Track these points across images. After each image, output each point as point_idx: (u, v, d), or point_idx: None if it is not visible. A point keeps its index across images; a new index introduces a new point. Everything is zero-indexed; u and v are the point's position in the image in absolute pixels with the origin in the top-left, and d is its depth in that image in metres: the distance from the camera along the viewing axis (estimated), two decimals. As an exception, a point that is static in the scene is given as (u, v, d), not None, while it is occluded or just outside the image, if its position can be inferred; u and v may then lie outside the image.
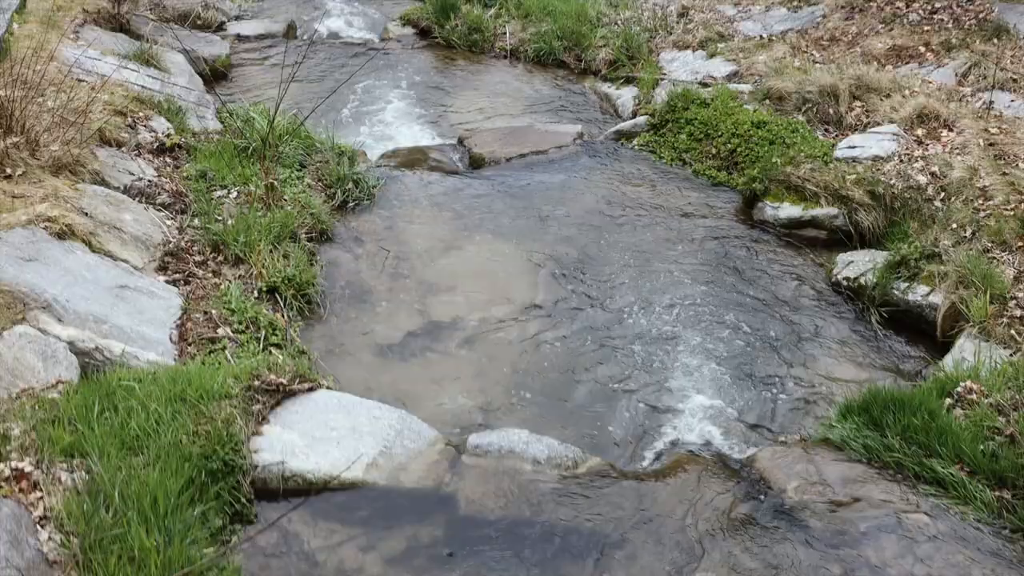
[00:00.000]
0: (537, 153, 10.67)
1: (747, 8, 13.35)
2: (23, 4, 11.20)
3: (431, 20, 14.39)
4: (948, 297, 7.69)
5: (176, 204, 8.70)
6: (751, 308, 8.15)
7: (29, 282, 6.52)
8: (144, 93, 10.19)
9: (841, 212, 9.06)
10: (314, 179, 9.62)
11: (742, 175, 9.93)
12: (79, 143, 8.40)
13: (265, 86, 12.03)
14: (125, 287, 7.14)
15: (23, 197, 7.53)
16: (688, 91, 11.10)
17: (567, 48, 13.32)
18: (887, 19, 11.88)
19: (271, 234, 8.21)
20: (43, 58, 8.57)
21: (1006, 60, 10.34)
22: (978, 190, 8.62)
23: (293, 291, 7.84)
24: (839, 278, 8.47)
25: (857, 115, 10.29)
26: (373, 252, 8.83)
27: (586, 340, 7.76)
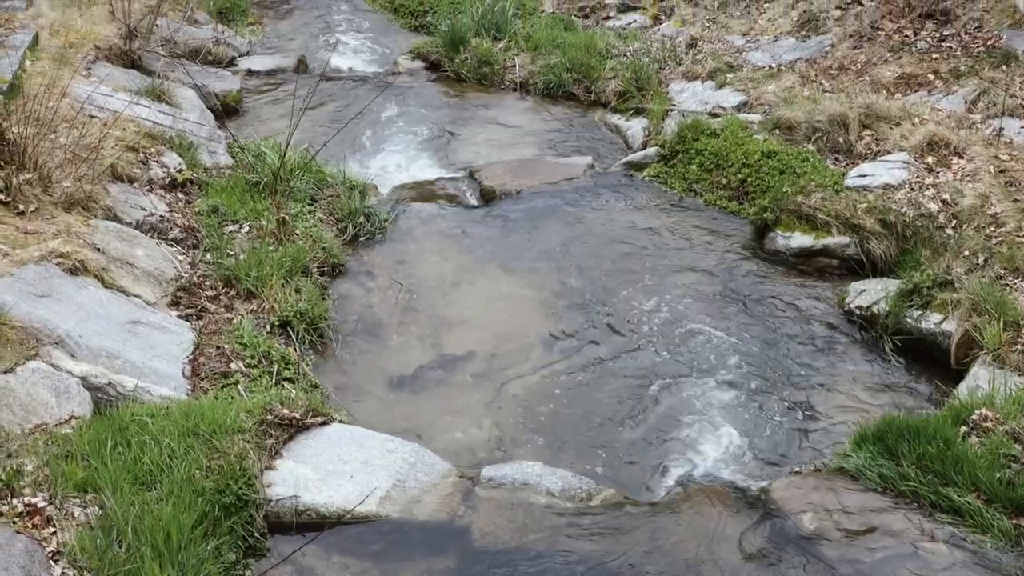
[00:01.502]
0: (548, 185, 10.68)
1: (755, 38, 13.38)
2: (35, 41, 11.27)
3: (441, 53, 14.43)
4: (961, 325, 7.66)
5: (188, 239, 8.73)
6: (764, 338, 8.13)
7: (42, 318, 6.54)
8: (156, 129, 10.23)
9: (853, 241, 9.04)
10: (326, 213, 9.64)
11: (753, 205, 9.92)
12: (91, 179, 8.44)
13: (276, 121, 12.08)
14: (138, 322, 7.15)
15: (36, 233, 7.56)
16: (698, 122, 11.12)
17: (576, 80, 13.35)
18: (895, 47, 11.89)
19: (283, 268, 8.23)
20: (55, 95, 8.61)
21: (1015, 87, 10.34)
22: (989, 217, 8.61)
23: (305, 325, 7.85)
24: (852, 307, 8.45)
25: (867, 144, 10.29)
26: (385, 286, 8.84)
27: (599, 372, 7.75)
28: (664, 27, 14.54)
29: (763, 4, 14.13)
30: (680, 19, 14.55)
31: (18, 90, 9.41)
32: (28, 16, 12.17)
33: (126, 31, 12.41)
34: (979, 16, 11.79)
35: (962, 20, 11.87)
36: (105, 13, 12.98)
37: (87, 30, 12.34)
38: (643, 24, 14.93)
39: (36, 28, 11.67)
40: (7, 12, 12.18)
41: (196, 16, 15.19)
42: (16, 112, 8.44)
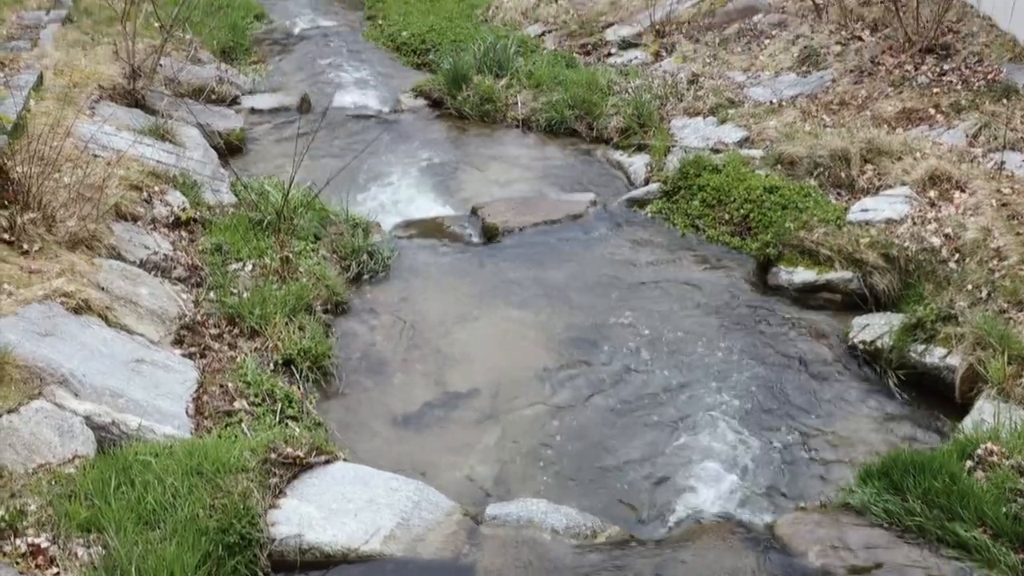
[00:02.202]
0: (551, 222, 10.70)
1: (756, 74, 13.43)
2: (40, 81, 11.33)
3: (443, 91, 14.48)
4: (965, 359, 7.64)
5: (192, 278, 8.75)
6: (768, 374, 8.12)
7: (46, 357, 6.55)
8: (159, 167, 10.27)
9: (856, 275, 9.04)
10: (329, 251, 9.66)
11: (755, 240, 9.93)
12: (95, 218, 8.46)
13: (279, 159, 12.11)
14: (141, 361, 7.16)
15: (40, 272, 7.58)
16: (700, 157, 11.15)
17: (578, 117, 13.38)
18: (896, 82, 11.94)
19: (286, 306, 8.24)
20: (59, 134, 8.66)
21: (1016, 120, 10.36)
22: (992, 251, 8.61)
23: (309, 363, 7.86)
24: (855, 341, 8.44)
25: (869, 178, 10.31)
26: (389, 323, 8.85)
27: (603, 408, 7.74)
28: (665, 63, 14.59)
29: (764, 40, 14.19)
30: (681, 55, 14.61)
31: (23, 130, 9.46)
32: (33, 56, 12.25)
33: (130, 71, 12.48)
34: (979, 50, 11.84)
35: (962, 55, 11.92)
36: (109, 53, 13.05)
37: (91, 70, 12.41)
38: (644, 60, 14.98)
39: (41, 68, 11.74)
40: (12, 52, 12.26)
41: (199, 55, 15.26)
42: (20, 152, 8.48)
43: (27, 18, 14.04)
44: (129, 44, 12.50)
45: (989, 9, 12.20)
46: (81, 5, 15.34)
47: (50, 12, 14.39)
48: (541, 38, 16.75)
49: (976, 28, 12.20)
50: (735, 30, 14.71)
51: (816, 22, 13.84)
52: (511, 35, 16.20)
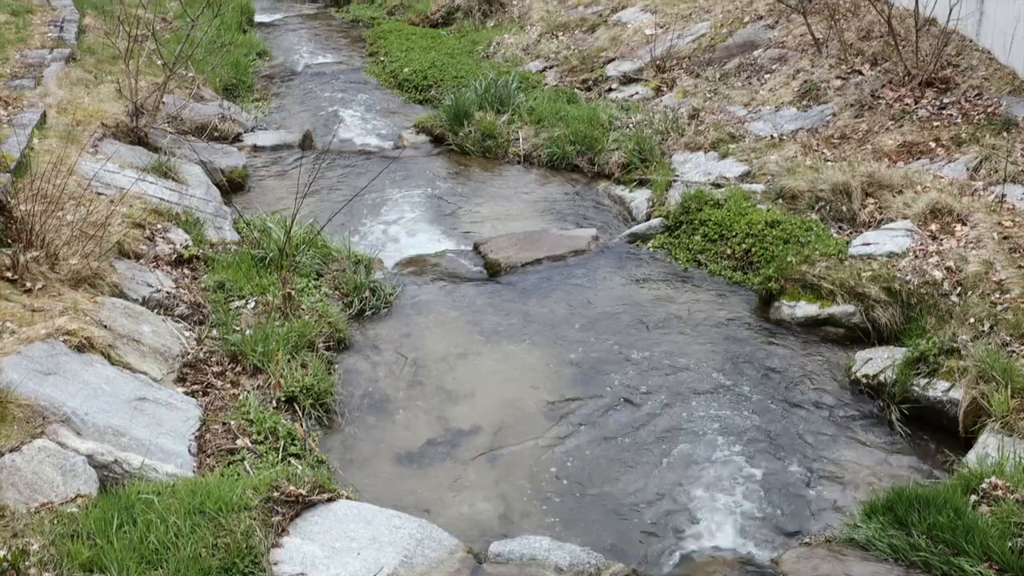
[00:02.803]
0: (553, 258, 10.71)
1: (757, 108, 13.47)
2: (43, 119, 11.38)
3: (445, 127, 14.52)
4: (969, 392, 7.63)
5: (194, 315, 8.76)
6: (771, 408, 8.11)
7: (48, 396, 6.55)
8: (162, 205, 10.30)
9: (858, 309, 9.05)
10: (331, 288, 9.67)
11: (758, 275, 9.94)
12: (98, 256, 8.48)
13: (282, 195, 12.14)
14: (144, 399, 7.16)
15: (43, 311, 7.59)
16: (701, 192, 11.17)
17: (580, 152, 13.42)
18: (896, 116, 11.97)
19: (289, 344, 8.24)
20: (62, 172, 8.69)
21: (1016, 154, 10.38)
22: (994, 284, 8.62)
23: (311, 400, 7.85)
24: (858, 375, 8.43)
25: (870, 212, 10.33)
26: (391, 360, 8.85)
27: (606, 443, 7.72)
28: (666, 98, 14.64)
29: (764, 75, 14.24)
30: (682, 90, 14.66)
31: (26, 168, 9.49)
32: (36, 95, 12.29)
33: (133, 109, 12.53)
34: (979, 84, 11.87)
35: (962, 88, 11.95)
36: (112, 91, 13.10)
37: (94, 108, 12.46)
38: (645, 96, 15.04)
39: (44, 106, 11.78)
40: (16, 91, 12.31)
41: (202, 93, 15.32)
42: (24, 190, 8.52)
43: (31, 57, 14.10)
44: (132, 82, 12.56)
45: (988, 43, 12.25)
46: (84, 44, 15.41)
47: (54, 51, 14.44)
48: (542, 74, 16.81)
49: (975, 62, 12.24)
50: (735, 65, 14.76)
51: (816, 57, 13.89)
52: (512, 71, 16.28)
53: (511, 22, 19.75)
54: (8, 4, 16.87)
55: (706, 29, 16.16)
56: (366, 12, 23.31)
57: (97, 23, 16.59)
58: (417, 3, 22.30)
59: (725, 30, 15.81)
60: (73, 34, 15.61)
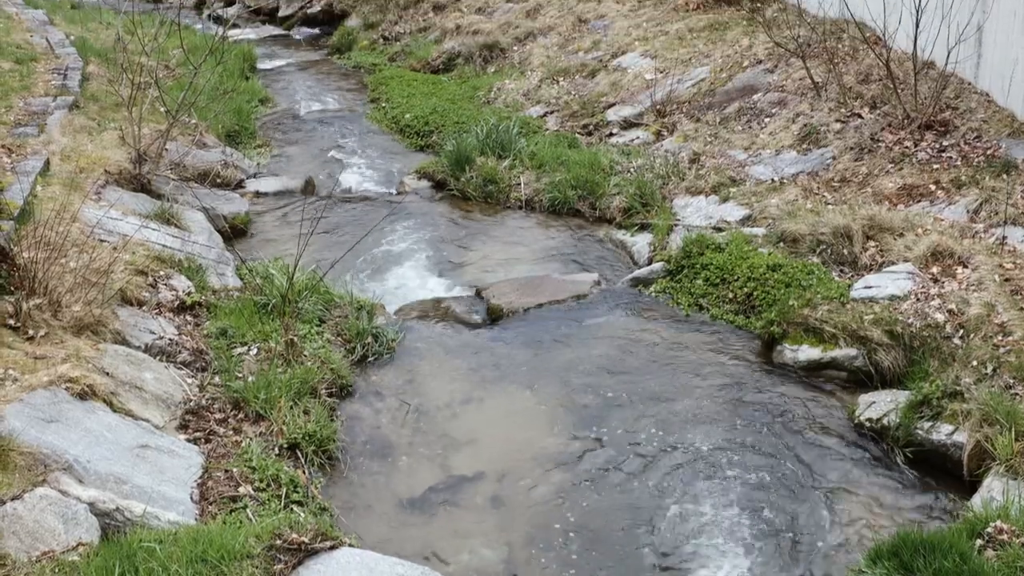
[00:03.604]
0: (555, 303, 10.72)
1: (757, 152, 13.51)
2: (47, 167, 11.43)
3: (446, 173, 14.56)
4: (972, 436, 7.62)
5: (197, 362, 8.76)
6: (775, 453, 8.09)
7: (50, 443, 6.55)
8: (165, 252, 10.32)
9: (860, 353, 9.04)
10: (334, 334, 9.67)
11: (760, 318, 9.94)
12: (101, 303, 8.49)
13: (284, 241, 12.16)
14: (146, 446, 7.16)
15: (45, 358, 7.60)
16: (702, 236, 11.19)
17: (581, 197, 13.45)
18: (896, 158, 12.00)
19: (291, 390, 8.24)
20: (66, 219, 8.72)
21: (1016, 196, 10.41)
22: (996, 326, 8.61)
23: (314, 447, 7.85)
24: (862, 419, 8.42)
25: (872, 255, 10.34)
26: (394, 406, 8.84)
27: (609, 490, 7.70)
28: (667, 143, 14.70)
29: (764, 119, 14.30)
30: (682, 135, 14.72)
31: (29, 215, 9.52)
32: (40, 142, 12.35)
33: (136, 156, 12.57)
34: (978, 126, 11.92)
35: (961, 131, 11.99)
36: (115, 138, 13.17)
37: (98, 155, 12.51)
38: (646, 140, 15.08)
39: (47, 154, 11.84)
40: (20, 138, 12.36)
41: (205, 139, 15.38)
42: (27, 237, 8.55)
43: (34, 104, 14.17)
44: (135, 129, 12.61)
45: (986, 85, 12.31)
46: (88, 91, 15.49)
47: (57, 98, 14.52)
48: (543, 119, 16.87)
49: (974, 104, 12.29)
50: (735, 109, 14.83)
51: (816, 100, 13.95)
52: (513, 116, 16.32)
53: (512, 68, 19.84)
54: (12, 52, 16.96)
55: (706, 74, 16.24)
56: (367, 58, 23.41)
57: (101, 71, 16.67)
58: (418, 49, 22.40)
59: (724, 74, 15.89)
60: (77, 82, 15.69)
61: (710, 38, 17.55)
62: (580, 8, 21.08)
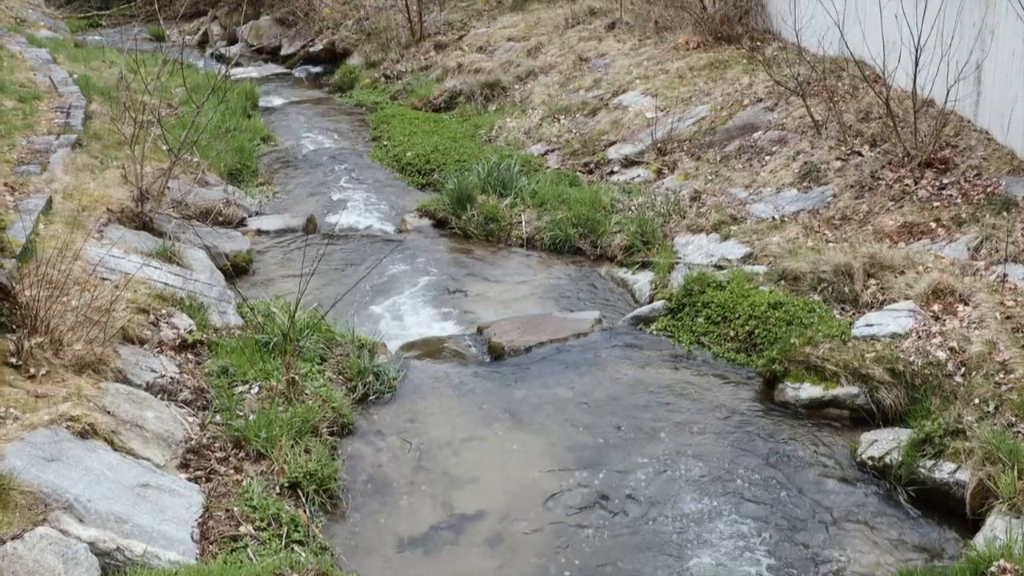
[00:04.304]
0: (556, 341, 10.72)
1: (758, 190, 13.55)
2: (49, 205, 11.46)
3: (448, 211, 14.60)
4: (975, 474, 7.60)
5: (198, 400, 8.76)
6: (777, 492, 8.07)
7: (51, 482, 6.54)
8: (166, 290, 10.34)
9: (862, 391, 9.04)
10: (335, 372, 9.67)
11: (761, 357, 9.93)
12: (102, 342, 8.50)
13: (285, 280, 12.17)
14: (147, 485, 7.15)
15: (46, 397, 7.60)
16: (704, 274, 11.20)
17: (582, 235, 13.48)
18: (897, 196, 12.03)
19: (292, 429, 8.24)
20: (68, 258, 8.74)
21: (1016, 233, 10.42)
22: (998, 364, 8.61)
23: (315, 486, 7.84)
24: (864, 457, 8.40)
25: (873, 293, 10.35)
26: (395, 445, 8.83)
27: (611, 530, 7.68)
28: (668, 181, 14.74)
29: (764, 157, 14.35)
30: (683, 173, 14.77)
31: (31, 253, 9.55)
32: (43, 180, 12.40)
33: (138, 194, 12.62)
34: (977, 164, 11.94)
35: (961, 168, 12.02)
36: (118, 176, 13.21)
37: (100, 193, 12.55)
38: (647, 178, 15.12)
39: (50, 192, 11.88)
40: (22, 177, 12.41)
41: (207, 178, 15.44)
42: (29, 275, 8.57)
43: (37, 143, 14.23)
44: (137, 168, 12.66)
45: (986, 123, 12.35)
46: (91, 130, 15.55)
47: (60, 137, 14.58)
48: (544, 157, 16.92)
49: (974, 142, 12.32)
50: (736, 147, 14.88)
51: (816, 138, 14.00)
52: (515, 154, 16.38)
53: (513, 106, 19.93)
54: (16, 90, 17.06)
55: (706, 112, 16.30)
56: (369, 97, 23.52)
57: (103, 109, 16.74)
58: (420, 88, 22.50)
59: (725, 113, 15.95)
60: (79, 120, 15.77)
61: (710, 76, 17.63)
62: (581, 47, 21.20)
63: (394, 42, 25.63)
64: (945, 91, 12.09)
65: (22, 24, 26.05)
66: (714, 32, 19.17)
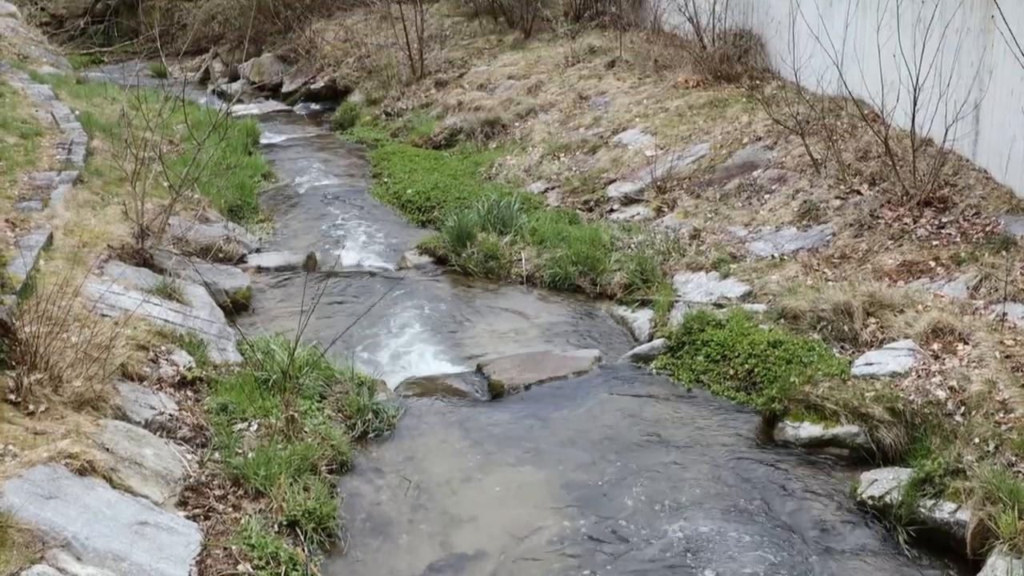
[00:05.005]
0: (556, 379, 10.72)
1: (757, 229, 13.57)
2: (50, 241, 11.48)
3: (448, 248, 14.61)
4: (975, 514, 7.58)
5: (197, 438, 8.75)
6: (777, 532, 8.05)
7: (49, 520, 6.53)
8: (166, 327, 10.35)
9: (862, 430, 9.03)
10: (334, 410, 9.67)
11: (761, 395, 9.92)
12: (102, 378, 8.50)
13: (285, 317, 12.17)
14: (145, 523, 7.13)
15: (45, 434, 7.59)
16: (703, 313, 11.21)
17: (582, 273, 13.50)
18: (896, 235, 12.05)
19: (291, 467, 8.23)
20: (68, 294, 8.75)
21: (1015, 272, 10.43)
22: (998, 403, 8.60)
23: (314, 524, 7.82)
24: (864, 497, 8.39)
25: (872, 331, 10.35)
26: (394, 483, 8.81)
27: (610, 569, 7.65)
28: (667, 219, 14.76)
29: (764, 195, 14.38)
30: (683, 211, 14.80)
31: (32, 290, 9.56)
32: (44, 216, 12.42)
33: (139, 230, 12.64)
34: (976, 203, 11.97)
35: (960, 207, 12.05)
36: (118, 213, 13.24)
37: (101, 229, 12.57)
38: (646, 216, 15.14)
39: (51, 228, 11.89)
40: (23, 213, 12.43)
41: (207, 214, 15.46)
42: (29, 312, 8.57)
43: (39, 179, 14.26)
44: (138, 204, 12.69)
45: (984, 162, 12.39)
46: (92, 166, 15.59)
47: (61, 173, 14.61)
48: (544, 195, 16.95)
49: (972, 181, 12.35)
50: (735, 185, 14.92)
51: (815, 177, 14.03)
52: (514, 192, 16.41)
53: (513, 144, 19.97)
54: (18, 127, 17.09)
55: (706, 150, 16.35)
56: (370, 134, 23.56)
57: (105, 145, 16.78)
58: (420, 125, 22.55)
59: (724, 151, 16.00)
60: (81, 156, 15.80)
61: (710, 115, 17.69)
62: (581, 85, 21.27)
63: (395, 79, 25.70)
64: (944, 130, 12.14)
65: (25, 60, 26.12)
66: (713, 71, 19.24)
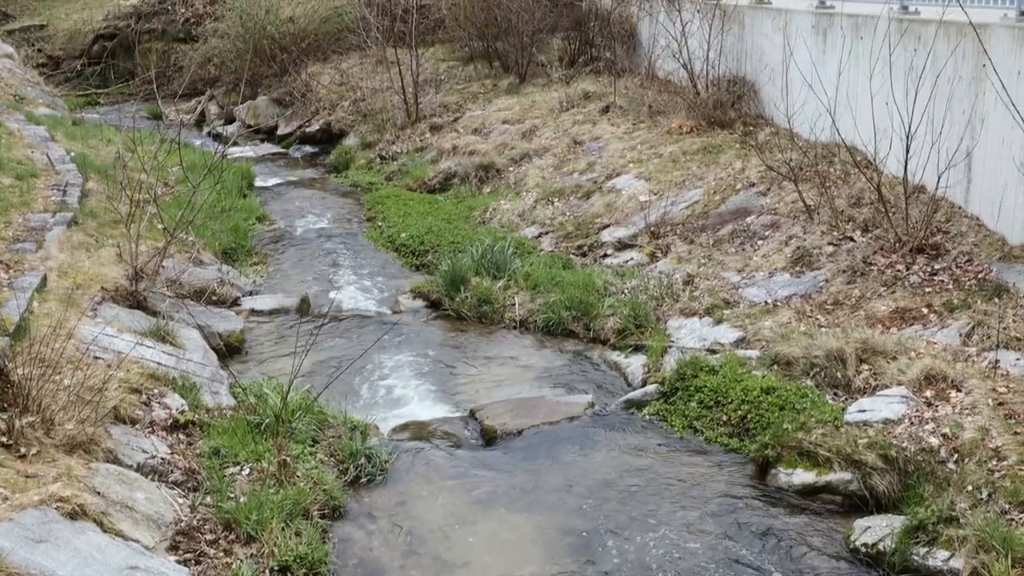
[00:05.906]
0: (549, 425, 10.71)
1: (751, 274, 13.60)
2: (44, 283, 11.48)
3: (441, 292, 14.62)
4: (969, 562, 7.57)
5: (188, 481, 8.73)
6: (770, 578, 8.04)
7: (39, 564, 6.52)
8: (159, 370, 10.34)
9: (855, 477, 9.02)
10: (327, 454, 9.65)
11: (754, 441, 9.92)
12: (94, 421, 8.49)
13: (278, 360, 12.18)
14: (136, 568, 7.11)
15: (36, 477, 7.58)
16: (696, 358, 11.21)
17: (576, 318, 13.51)
18: (889, 282, 12.08)
19: (283, 511, 8.20)
20: (61, 336, 8.75)
21: (1008, 319, 10.46)
22: (991, 451, 8.61)
23: (305, 570, 7.78)
24: (857, 544, 8.37)
25: (865, 378, 10.36)
26: (386, 528, 8.78)
27: (603, 614, 7.63)
28: (661, 264, 14.79)
29: (757, 241, 14.42)
30: (676, 256, 14.83)
31: (25, 331, 9.56)
32: (38, 258, 12.43)
33: (133, 273, 12.65)
34: (969, 250, 12.01)
35: (952, 254, 12.09)
36: (113, 255, 13.26)
37: (95, 271, 12.59)
38: (640, 261, 15.17)
39: (45, 270, 11.91)
40: (18, 254, 12.44)
41: (202, 257, 15.48)
42: (22, 354, 8.56)
43: (33, 220, 14.27)
44: (132, 246, 12.71)
45: (976, 209, 12.44)
46: (87, 208, 15.61)
47: (56, 215, 14.63)
48: (538, 239, 16.99)
49: (965, 228, 12.39)
50: (729, 231, 14.96)
51: (808, 223, 14.08)
52: (508, 237, 16.44)
53: (507, 188, 20.03)
54: (13, 168, 17.12)
55: (699, 196, 16.41)
56: (364, 177, 23.63)
57: (100, 187, 16.82)
58: (415, 169, 22.60)
59: (718, 197, 16.06)
60: (76, 198, 15.82)
61: (703, 161, 17.76)
62: (575, 130, 21.35)
63: (390, 123, 25.78)
64: (936, 177, 12.19)
65: (21, 101, 26.20)
66: (707, 117, 19.34)
